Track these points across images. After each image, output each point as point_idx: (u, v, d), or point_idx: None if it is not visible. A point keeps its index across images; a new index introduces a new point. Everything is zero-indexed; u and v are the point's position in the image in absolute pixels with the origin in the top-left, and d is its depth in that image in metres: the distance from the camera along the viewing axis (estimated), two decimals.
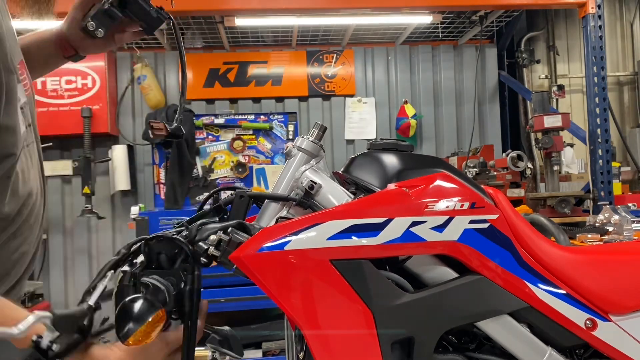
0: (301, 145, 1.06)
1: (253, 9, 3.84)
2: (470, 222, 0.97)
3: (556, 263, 1.05)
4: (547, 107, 3.90)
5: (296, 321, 0.90)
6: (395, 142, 1.08)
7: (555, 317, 1.02)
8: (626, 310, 1.06)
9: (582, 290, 1.05)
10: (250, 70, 5.13)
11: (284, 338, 1.27)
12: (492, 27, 5.24)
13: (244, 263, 0.88)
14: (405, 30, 4.98)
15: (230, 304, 3.16)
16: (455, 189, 0.99)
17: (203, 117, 4.66)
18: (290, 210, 1.01)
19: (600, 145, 3.80)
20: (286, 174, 1.04)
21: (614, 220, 2.71)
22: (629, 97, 5.68)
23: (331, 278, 0.90)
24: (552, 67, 5.54)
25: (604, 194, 3.75)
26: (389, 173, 1.03)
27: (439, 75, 5.43)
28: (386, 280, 0.95)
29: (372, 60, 5.38)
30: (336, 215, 0.91)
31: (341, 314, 0.90)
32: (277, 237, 0.89)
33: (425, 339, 0.95)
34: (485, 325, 1.00)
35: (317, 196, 1.01)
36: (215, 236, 0.91)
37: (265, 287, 0.88)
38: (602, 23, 3.82)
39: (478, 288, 0.98)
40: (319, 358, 0.90)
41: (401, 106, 5.21)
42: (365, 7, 4.03)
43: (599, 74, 3.81)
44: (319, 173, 1.04)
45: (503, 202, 1.06)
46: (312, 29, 4.85)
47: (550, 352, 1.02)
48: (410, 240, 0.93)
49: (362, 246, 0.91)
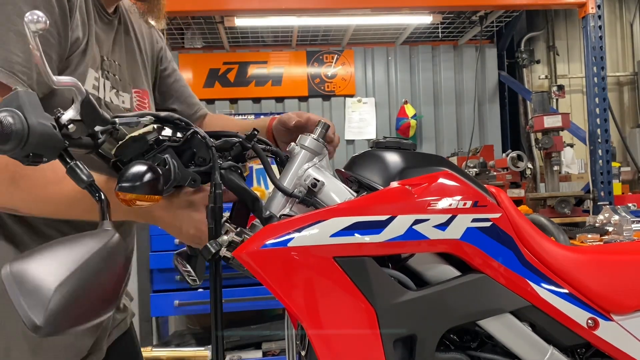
0: (304, 143, 1.05)
1: (253, 9, 3.85)
2: (472, 221, 0.97)
3: (558, 262, 1.05)
4: (547, 107, 3.91)
5: (299, 318, 0.90)
6: (398, 140, 1.08)
7: (557, 316, 1.02)
8: (628, 310, 1.07)
9: (584, 290, 1.05)
10: (250, 71, 5.13)
11: (284, 338, 1.27)
12: (492, 27, 5.24)
13: (246, 260, 0.88)
14: (405, 30, 4.98)
15: (230, 304, 3.15)
16: (458, 188, 0.99)
17: None
18: (292, 207, 1.01)
19: (600, 145, 3.81)
20: (289, 172, 1.04)
21: (614, 220, 2.71)
22: (629, 97, 5.69)
23: (334, 275, 0.89)
24: (552, 67, 5.54)
25: (604, 194, 3.75)
26: (392, 171, 1.03)
27: (439, 75, 5.43)
28: (389, 278, 0.94)
29: (372, 60, 5.39)
30: (339, 213, 0.91)
31: (344, 311, 0.90)
32: (280, 234, 0.89)
33: (427, 337, 0.95)
34: (487, 323, 1.00)
35: (320, 194, 1.00)
36: (227, 237, 0.91)
37: (268, 283, 0.88)
38: (602, 23, 3.82)
39: (480, 286, 0.98)
40: (322, 355, 0.90)
41: (401, 106, 5.22)
42: (365, 7, 4.04)
43: (599, 74, 3.81)
44: (322, 171, 1.03)
45: (505, 201, 1.06)
46: (312, 29, 4.86)
47: (552, 351, 1.02)
48: (413, 238, 0.93)
49: (365, 243, 0.91)
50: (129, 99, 1.21)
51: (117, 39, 1.21)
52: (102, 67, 1.13)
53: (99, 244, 0.70)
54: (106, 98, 1.13)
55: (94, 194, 0.77)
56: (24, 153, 0.71)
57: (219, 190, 0.92)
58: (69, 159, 0.77)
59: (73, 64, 1.05)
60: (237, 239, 0.91)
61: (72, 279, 0.65)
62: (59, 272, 0.64)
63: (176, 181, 0.93)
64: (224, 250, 0.91)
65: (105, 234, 0.72)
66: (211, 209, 0.91)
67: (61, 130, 0.75)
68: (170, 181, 0.92)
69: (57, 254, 0.67)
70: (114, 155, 0.91)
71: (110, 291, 0.71)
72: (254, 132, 1.04)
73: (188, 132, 0.94)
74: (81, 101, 0.77)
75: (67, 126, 0.76)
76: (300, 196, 0.99)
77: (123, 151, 0.90)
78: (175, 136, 0.94)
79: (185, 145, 0.95)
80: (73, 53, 1.05)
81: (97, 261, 0.68)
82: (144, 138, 0.89)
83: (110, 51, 1.18)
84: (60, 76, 0.75)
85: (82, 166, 0.77)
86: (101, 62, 1.13)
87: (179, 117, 0.94)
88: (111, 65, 1.16)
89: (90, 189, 0.77)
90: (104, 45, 1.15)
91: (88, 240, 0.70)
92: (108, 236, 0.72)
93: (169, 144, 0.93)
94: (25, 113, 0.69)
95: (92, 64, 1.09)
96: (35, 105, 0.71)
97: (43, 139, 0.71)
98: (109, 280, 0.71)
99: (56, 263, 0.65)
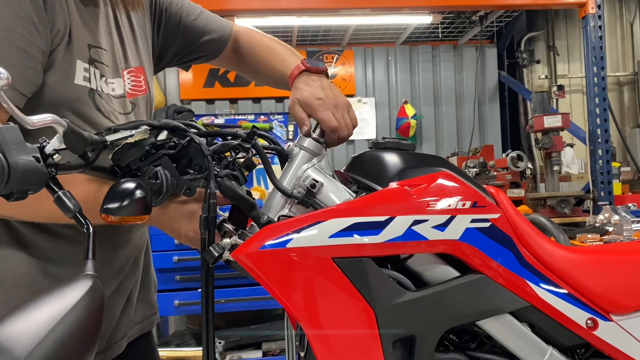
0: (303, 143, 1.05)
1: (253, 9, 3.85)
2: (471, 221, 0.97)
3: (558, 262, 1.05)
4: (547, 107, 3.91)
5: (298, 319, 0.90)
6: (397, 141, 1.08)
7: (557, 317, 1.02)
8: (627, 310, 1.06)
9: (583, 290, 1.05)
10: None
11: (284, 338, 1.27)
12: (492, 27, 5.24)
13: (245, 261, 0.88)
14: (405, 30, 4.98)
15: (230, 305, 3.15)
16: (457, 188, 0.99)
17: (203, 117, 4.66)
18: (291, 208, 1.01)
19: (600, 145, 3.81)
20: (288, 173, 1.04)
21: (614, 220, 2.71)
22: (629, 97, 5.69)
23: (333, 276, 0.90)
24: (552, 67, 5.54)
25: (604, 194, 3.75)
26: (391, 172, 1.03)
27: (439, 75, 5.43)
28: (388, 278, 0.95)
29: (372, 60, 5.38)
30: (338, 214, 0.91)
31: (343, 312, 0.91)
32: (279, 235, 0.89)
33: (426, 337, 0.95)
34: (487, 324, 1.00)
35: (319, 195, 1.00)
36: (229, 240, 0.91)
37: (267, 284, 0.88)
38: (602, 23, 3.82)
39: (479, 287, 0.98)
40: (321, 356, 0.90)
41: (401, 106, 5.22)
42: (365, 7, 4.04)
43: (599, 74, 3.81)
44: (321, 172, 1.03)
45: (505, 202, 1.06)
46: (312, 29, 4.86)
47: (551, 352, 1.02)
48: (412, 239, 0.93)
49: (364, 244, 0.91)
50: (121, 83, 1.17)
51: (103, 22, 1.16)
52: (90, 55, 1.09)
53: (78, 296, 0.66)
54: (98, 88, 1.10)
55: (81, 224, 0.76)
56: (6, 191, 0.69)
57: (213, 200, 0.91)
58: (57, 187, 0.76)
59: (59, 59, 1.01)
60: (239, 242, 0.91)
61: (46, 341, 0.60)
62: (32, 337, 0.60)
63: (169, 192, 0.92)
64: (227, 254, 0.91)
65: (84, 283, 0.69)
66: (204, 219, 0.91)
67: (47, 160, 0.74)
68: (163, 194, 0.91)
69: (31, 315, 0.62)
70: (111, 160, 0.91)
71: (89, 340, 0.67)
72: (253, 129, 1.03)
73: (184, 140, 0.93)
74: (64, 132, 0.74)
75: (52, 156, 0.74)
76: (299, 197, 0.99)
77: (120, 157, 0.89)
78: (172, 141, 0.93)
79: (182, 152, 0.94)
80: (57, 47, 1.01)
81: (76, 315, 0.65)
82: (140, 144, 0.88)
83: (98, 36, 1.13)
84: (34, 116, 0.71)
85: (70, 196, 0.76)
86: (88, 51, 1.09)
87: (175, 125, 0.92)
88: (98, 53, 1.12)
89: (77, 219, 0.76)
90: (90, 32, 1.11)
91: (68, 292, 0.67)
92: (87, 285, 0.68)
93: (165, 152, 0.92)
94: (5, 151, 0.66)
95: (79, 55, 1.06)
96: (16, 140, 0.68)
97: (26, 175, 0.69)
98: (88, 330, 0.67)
99: (32, 325, 0.61)
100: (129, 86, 1.20)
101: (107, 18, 1.18)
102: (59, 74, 1.02)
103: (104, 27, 1.16)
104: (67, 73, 1.03)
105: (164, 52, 1.39)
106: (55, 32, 1.01)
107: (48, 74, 1.00)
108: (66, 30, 1.03)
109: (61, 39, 1.02)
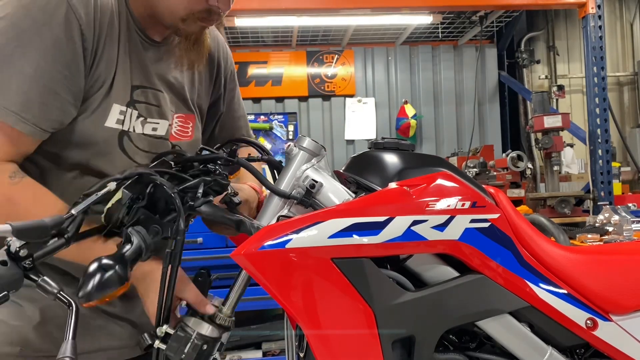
0: (302, 144, 1.05)
1: (253, 9, 3.85)
2: (471, 222, 0.97)
3: (557, 263, 1.05)
4: (547, 107, 3.91)
5: (297, 319, 0.90)
6: (397, 141, 1.08)
7: (556, 317, 1.02)
8: (627, 310, 1.06)
9: (583, 290, 1.05)
10: (250, 70, 5.13)
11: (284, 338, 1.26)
12: (492, 27, 5.24)
13: (244, 261, 0.88)
14: (405, 30, 4.98)
15: None
16: (456, 188, 0.99)
17: None
18: (291, 209, 1.01)
19: (600, 145, 3.81)
20: (287, 173, 1.04)
21: (614, 220, 2.71)
22: (629, 97, 5.69)
23: (332, 276, 0.89)
24: (552, 67, 5.55)
25: (604, 194, 3.75)
26: (390, 172, 1.03)
27: (439, 75, 5.43)
28: (387, 279, 0.94)
29: (372, 60, 5.39)
30: (337, 214, 0.91)
31: (342, 313, 0.90)
32: (279, 235, 0.89)
33: (425, 338, 0.95)
34: (486, 324, 1.00)
35: (318, 195, 1.00)
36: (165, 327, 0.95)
37: (267, 285, 0.88)
38: (602, 23, 3.82)
39: (479, 287, 0.98)
40: (320, 356, 0.90)
41: (401, 106, 5.22)
42: (365, 7, 4.04)
43: (599, 74, 3.81)
44: (320, 172, 1.03)
45: (504, 202, 1.06)
46: (312, 29, 4.86)
47: (551, 352, 1.02)
48: (411, 239, 0.93)
49: (363, 245, 0.91)
50: (166, 126, 1.18)
51: (165, 65, 1.18)
52: (132, 97, 1.11)
53: None
54: (130, 129, 1.11)
55: (64, 303, 0.78)
56: None
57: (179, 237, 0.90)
58: (36, 276, 0.78)
59: (95, 103, 1.05)
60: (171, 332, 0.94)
61: None
62: None
63: (151, 247, 0.90)
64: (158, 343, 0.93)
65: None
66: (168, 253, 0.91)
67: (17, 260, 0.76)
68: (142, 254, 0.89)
69: None
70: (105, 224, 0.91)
71: None
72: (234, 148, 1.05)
73: (149, 187, 0.92)
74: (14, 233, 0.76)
75: (18, 253, 0.76)
76: (298, 197, 0.99)
77: (109, 220, 0.90)
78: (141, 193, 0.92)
79: (154, 197, 0.93)
80: (95, 93, 1.05)
81: None
82: (118, 204, 0.89)
83: (151, 77, 1.15)
84: None
85: (48, 281, 0.79)
86: (131, 92, 1.11)
87: (140, 172, 0.92)
88: (145, 93, 1.14)
89: (59, 299, 0.79)
90: (142, 73, 1.13)
91: None
92: None
93: (137, 205, 0.91)
94: None
95: (118, 99, 1.08)
96: None
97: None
98: None
99: None
100: (175, 129, 1.22)
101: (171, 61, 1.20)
102: (91, 118, 1.05)
103: (165, 69, 1.18)
104: (100, 116, 1.06)
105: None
106: (95, 77, 1.04)
107: (82, 116, 1.04)
108: (109, 75, 1.06)
109: (102, 83, 1.05)
